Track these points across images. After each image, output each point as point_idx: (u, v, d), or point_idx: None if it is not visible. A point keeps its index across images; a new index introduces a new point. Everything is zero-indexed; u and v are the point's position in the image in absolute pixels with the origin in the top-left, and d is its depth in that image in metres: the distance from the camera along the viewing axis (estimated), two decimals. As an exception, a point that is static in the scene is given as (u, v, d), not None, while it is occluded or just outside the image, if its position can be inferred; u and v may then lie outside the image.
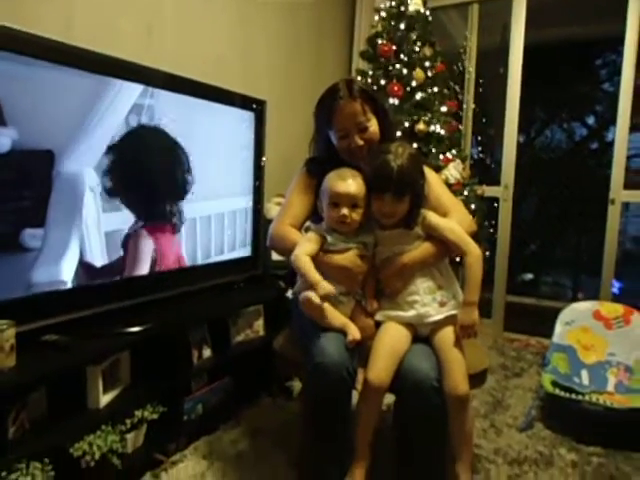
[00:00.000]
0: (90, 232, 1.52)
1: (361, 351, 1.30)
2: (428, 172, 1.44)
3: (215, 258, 2.04)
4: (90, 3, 1.76)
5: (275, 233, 1.49)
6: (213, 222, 2.01)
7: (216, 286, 2.05)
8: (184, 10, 2.14)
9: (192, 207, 1.88)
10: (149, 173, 1.72)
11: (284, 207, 1.54)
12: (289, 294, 1.66)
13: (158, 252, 1.75)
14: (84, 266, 1.51)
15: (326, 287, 1.28)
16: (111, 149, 1.55)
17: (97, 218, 1.55)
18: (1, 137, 1.26)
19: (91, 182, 1.51)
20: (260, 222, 2.26)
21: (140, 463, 1.56)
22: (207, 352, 1.86)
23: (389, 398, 1.43)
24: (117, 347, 1.52)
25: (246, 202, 2.18)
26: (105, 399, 1.46)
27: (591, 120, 5.10)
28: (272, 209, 2.39)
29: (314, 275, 1.30)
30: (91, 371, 1.42)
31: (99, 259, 1.57)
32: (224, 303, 2.00)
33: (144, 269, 1.71)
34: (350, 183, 1.33)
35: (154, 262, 1.74)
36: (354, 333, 1.26)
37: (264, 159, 2.24)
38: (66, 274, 1.46)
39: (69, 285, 1.47)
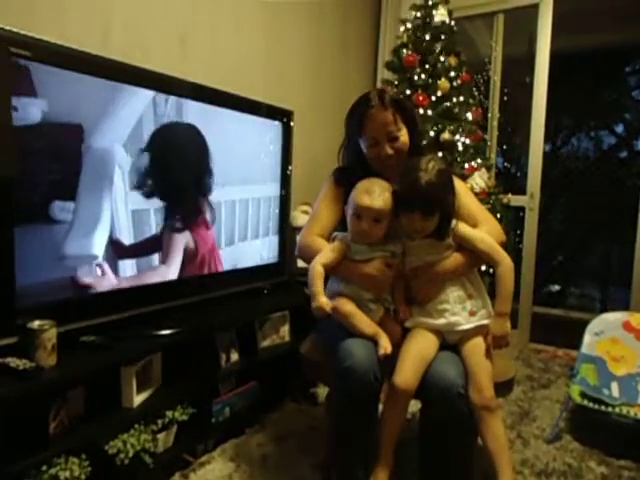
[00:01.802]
0: (119, 209, 1.55)
1: (388, 358, 1.31)
2: (457, 182, 1.45)
3: (243, 264, 2.08)
4: (126, 17, 1.84)
5: (303, 243, 1.51)
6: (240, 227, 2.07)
7: (244, 292, 2.09)
8: (215, 23, 2.22)
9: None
10: (181, 169, 1.76)
11: (312, 217, 1.56)
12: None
13: (195, 243, 1.80)
14: (114, 243, 1.55)
15: (319, 301, 1.29)
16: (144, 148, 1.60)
17: (124, 196, 1.57)
18: (32, 107, 1.28)
19: (119, 159, 1.53)
20: (286, 229, 2.30)
21: (170, 463, 1.60)
22: (235, 356, 1.90)
23: (414, 407, 1.44)
24: (150, 349, 1.57)
25: (273, 209, 2.23)
26: (138, 399, 1.51)
27: (620, 128, 5.01)
28: (298, 217, 2.44)
29: (316, 286, 1.32)
30: (126, 371, 1.47)
31: (126, 237, 1.59)
32: (252, 308, 2.04)
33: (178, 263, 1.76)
34: (376, 197, 1.32)
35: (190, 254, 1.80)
36: (386, 345, 1.26)
37: (290, 168, 2.28)
38: (97, 248, 1.49)
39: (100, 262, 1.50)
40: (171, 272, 1.75)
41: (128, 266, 1.61)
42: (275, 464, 1.70)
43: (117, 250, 1.57)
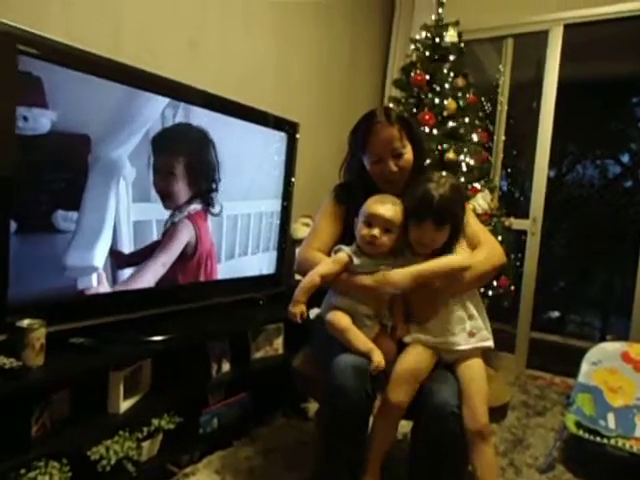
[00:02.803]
0: (121, 220, 1.56)
1: (380, 376, 1.29)
2: None
3: (240, 273, 2.06)
4: (137, 20, 1.85)
5: (302, 257, 1.50)
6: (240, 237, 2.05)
7: (239, 301, 2.07)
8: (225, 28, 2.22)
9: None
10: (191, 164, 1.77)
11: (312, 232, 1.55)
12: (311, 314, 1.66)
13: (198, 238, 1.81)
14: (115, 254, 1.55)
15: (295, 307, 1.32)
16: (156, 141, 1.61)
17: (127, 207, 1.58)
18: (42, 118, 1.30)
19: (124, 171, 1.54)
20: (285, 241, 2.28)
21: (153, 473, 1.57)
22: (226, 366, 1.87)
23: (406, 427, 1.41)
24: (140, 354, 1.55)
25: (274, 222, 2.21)
26: (125, 405, 1.48)
27: (626, 158, 5.01)
28: (298, 229, 2.43)
29: (302, 294, 1.33)
30: (114, 376, 1.45)
31: (127, 248, 1.60)
32: (246, 318, 2.02)
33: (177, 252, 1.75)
34: (388, 208, 1.34)
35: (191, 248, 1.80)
36: (379, 360, 1.25)
37: (293, 180, 2.27)
38: (98, 259, 1.48)
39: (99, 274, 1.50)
40: (161, 262, 1.71)
41: (125, 271, 1.60)
42: (261, 478, 1.66)
43: (117, 260, 1.56)
